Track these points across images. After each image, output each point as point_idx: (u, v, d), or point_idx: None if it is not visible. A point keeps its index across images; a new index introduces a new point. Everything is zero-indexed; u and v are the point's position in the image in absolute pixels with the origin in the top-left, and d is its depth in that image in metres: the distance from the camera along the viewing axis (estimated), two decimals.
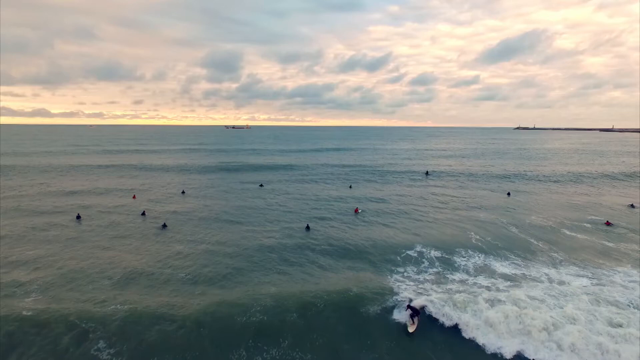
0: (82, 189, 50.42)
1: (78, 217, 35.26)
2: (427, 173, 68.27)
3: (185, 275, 22.92)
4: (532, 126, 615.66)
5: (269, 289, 20.81)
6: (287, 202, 43.60)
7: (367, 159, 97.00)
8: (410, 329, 17.47)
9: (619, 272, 23.96)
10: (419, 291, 20.97)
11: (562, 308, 18.64)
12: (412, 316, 17.85)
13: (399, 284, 22.00)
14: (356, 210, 39.25)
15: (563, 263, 25.58)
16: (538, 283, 22.30)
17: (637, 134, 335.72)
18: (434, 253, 26.99)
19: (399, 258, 26.04)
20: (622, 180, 62.06)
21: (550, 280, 22.70)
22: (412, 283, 22.21)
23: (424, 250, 27.63)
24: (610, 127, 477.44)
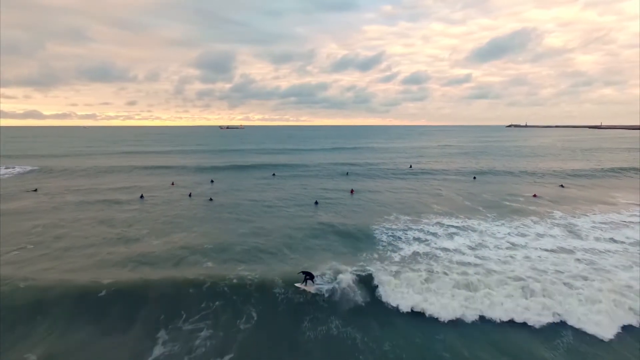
0: (124, 185, 58.10)
1: (141, 197, 46.21)
2: (410, 166, 79.91)
3: (253, 244, 30.04)
4: (524, 124, 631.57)
5: (292, 248, 31.45)
6: (296, 188, 54.90)
7: (362, 156, 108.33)
8: (301, 286, 21.51)
9: (532, 225, 35.79)
10: (391, 234, 32.31)
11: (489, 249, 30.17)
12: (306, 279, 21.83)
13: (380, 233, 33.21)
14: (352, 192, 50.76)
15: (494, 219, 37.46)
16: (472, 232, 33.69)
17: (624, 130, 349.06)
18: (405, 217, 38.36)
19: (379, 219, 37.40)
20: (577, 170, 73.66)
21: (481, 229, 34.23)
22: (387, 231, 33.54)
23: (400, 216, 38.91)
24: (599, 124, 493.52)
